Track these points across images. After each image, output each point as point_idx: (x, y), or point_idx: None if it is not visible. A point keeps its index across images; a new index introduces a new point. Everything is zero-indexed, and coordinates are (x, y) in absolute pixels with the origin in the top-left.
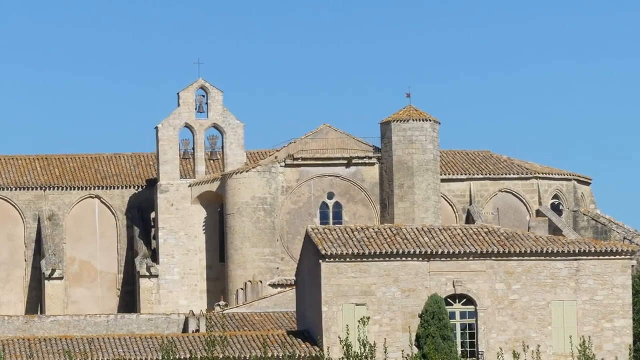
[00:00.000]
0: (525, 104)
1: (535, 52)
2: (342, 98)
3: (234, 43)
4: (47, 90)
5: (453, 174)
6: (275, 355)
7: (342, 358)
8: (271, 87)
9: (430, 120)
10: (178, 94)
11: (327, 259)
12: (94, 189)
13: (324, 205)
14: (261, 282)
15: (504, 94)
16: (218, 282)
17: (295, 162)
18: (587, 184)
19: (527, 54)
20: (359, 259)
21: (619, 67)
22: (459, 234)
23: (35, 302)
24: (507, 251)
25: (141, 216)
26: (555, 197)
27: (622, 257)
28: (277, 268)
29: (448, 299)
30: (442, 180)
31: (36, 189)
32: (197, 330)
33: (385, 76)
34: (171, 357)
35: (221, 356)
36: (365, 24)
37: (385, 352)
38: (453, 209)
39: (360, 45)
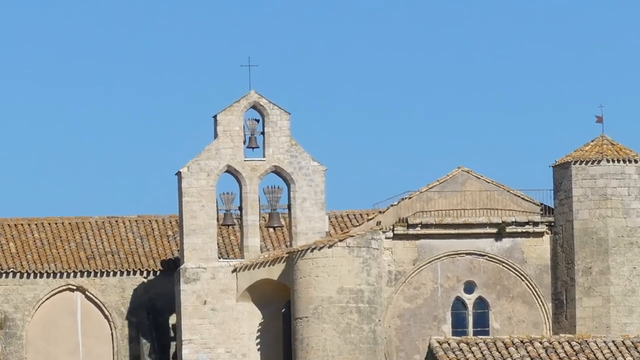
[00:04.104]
0: None
1: None
2: (487, 125)
3: (303, 36)
4: None
5: None
6: None
7: None
8: (365, 105)
9: (637, 160)
10: (215, 117)
11: None
12: (75, 275)
13: (459, 304)
14: None
15: None
16: None
17: (410, 232)
18: None
19: None
20: None
21: None
22: None
23: None
24: None
25: (153, 321)
26: None
27: None
28: None
29: None
30: None
31: None
32: None
33: (560, 90)
34: None
35: None
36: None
37: None
38: None
39: (517, 41)
